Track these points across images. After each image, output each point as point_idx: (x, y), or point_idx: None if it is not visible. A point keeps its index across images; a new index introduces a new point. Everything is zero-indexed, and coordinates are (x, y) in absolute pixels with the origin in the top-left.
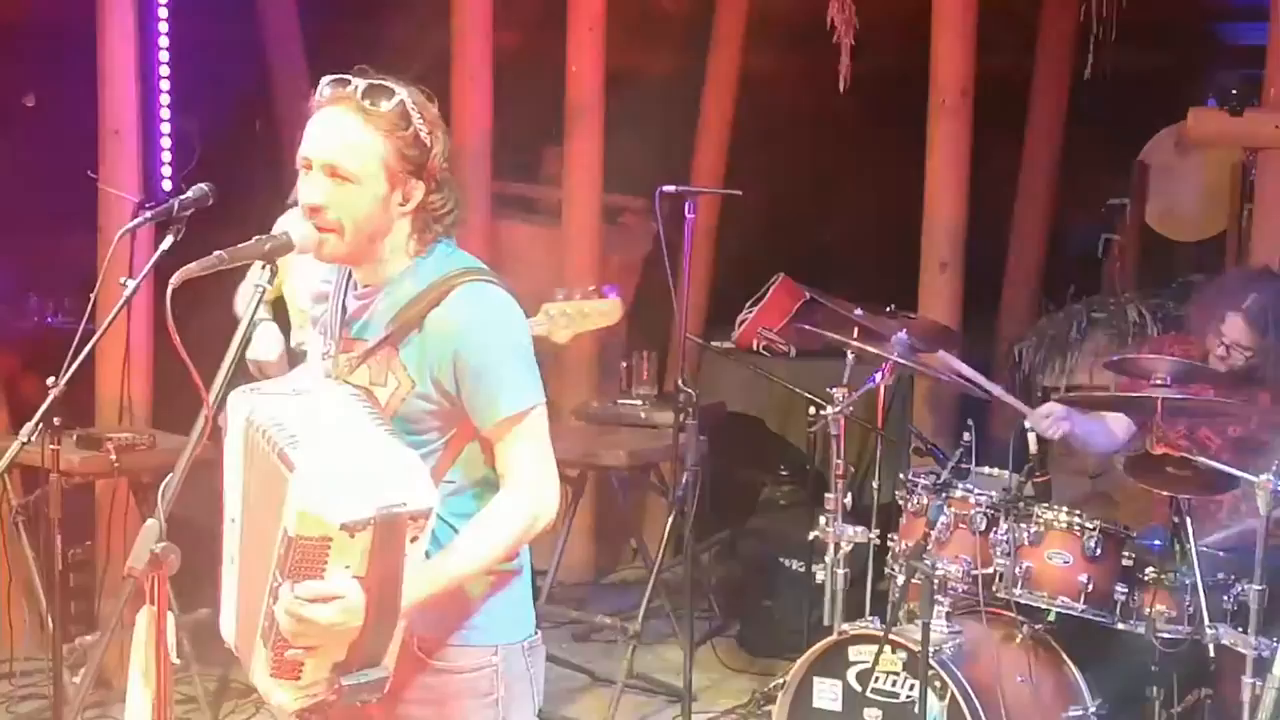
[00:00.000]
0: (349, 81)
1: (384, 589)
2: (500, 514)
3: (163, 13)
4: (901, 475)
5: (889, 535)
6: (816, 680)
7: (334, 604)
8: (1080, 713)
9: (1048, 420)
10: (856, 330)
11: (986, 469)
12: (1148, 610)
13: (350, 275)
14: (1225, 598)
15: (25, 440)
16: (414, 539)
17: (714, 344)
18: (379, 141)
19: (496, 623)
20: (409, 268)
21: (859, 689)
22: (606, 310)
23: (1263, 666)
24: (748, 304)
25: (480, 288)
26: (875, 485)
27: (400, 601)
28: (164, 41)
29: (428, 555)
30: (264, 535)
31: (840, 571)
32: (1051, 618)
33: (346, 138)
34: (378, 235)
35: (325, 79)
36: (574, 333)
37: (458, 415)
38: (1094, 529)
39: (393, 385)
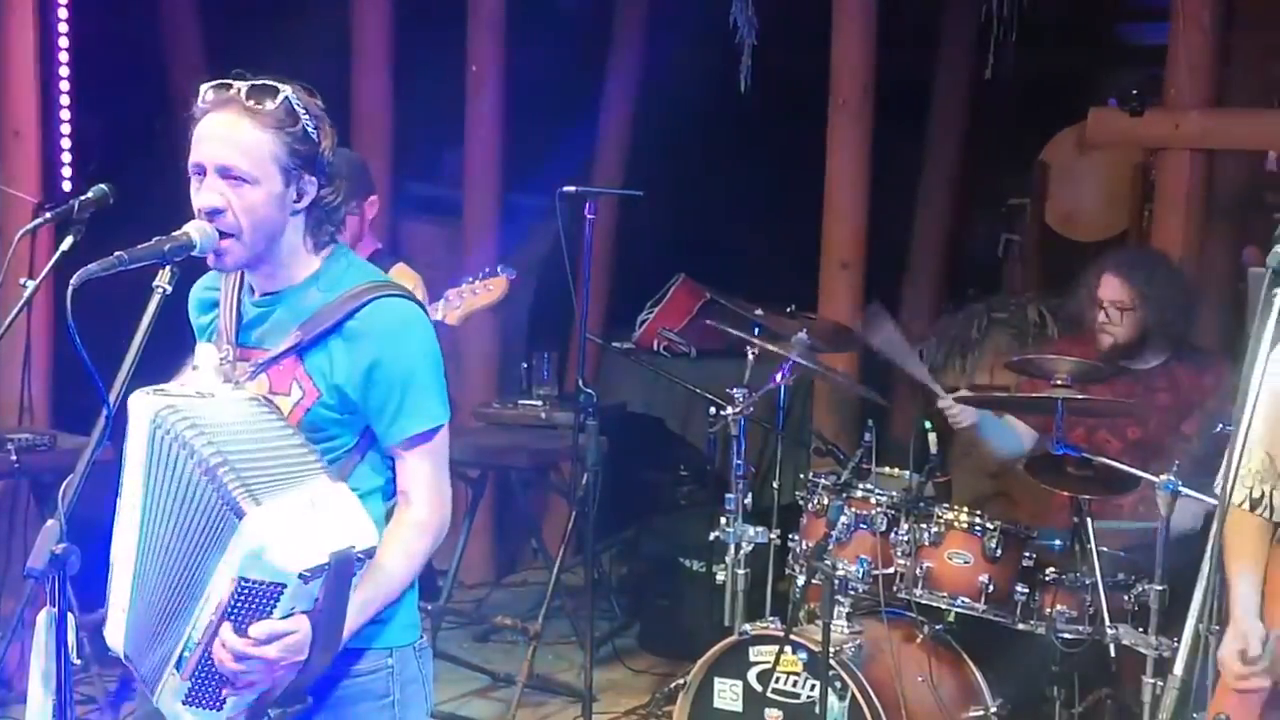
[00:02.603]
0: (231, 85)
1: (330, 626)
2: (413, 534)
3: (63, 13)
4: (802, 476)
5: (790, 535)
6: (717, 680)
7: (282, 641)
8: (980, 713)
9: (957, 408)
10: (757, 331)
11: (887, 469)
12: (1048, 610)
13: (243, 281)
14: (1126, 598)
15: None
16: (354, 575)
17: (614, 344)
18: (269, 139)
19: (390, 626)
20: (311, 276)
21: (760, 689)
22: (493, 288)
23: (1163, 666)
24: (648, 304)
25: (399, 302)
26: (776, 486)
27: (340, 642)
28: (64, 42)
29: None
30: (180, 558)
31: (741, 572)
32: (952, 618)
33: (237, 139)
34: (275, 235)
35: (206, 85)
36: (464, 313)
37: (359, 424)
38: (994, 529)
39: (297, 395)
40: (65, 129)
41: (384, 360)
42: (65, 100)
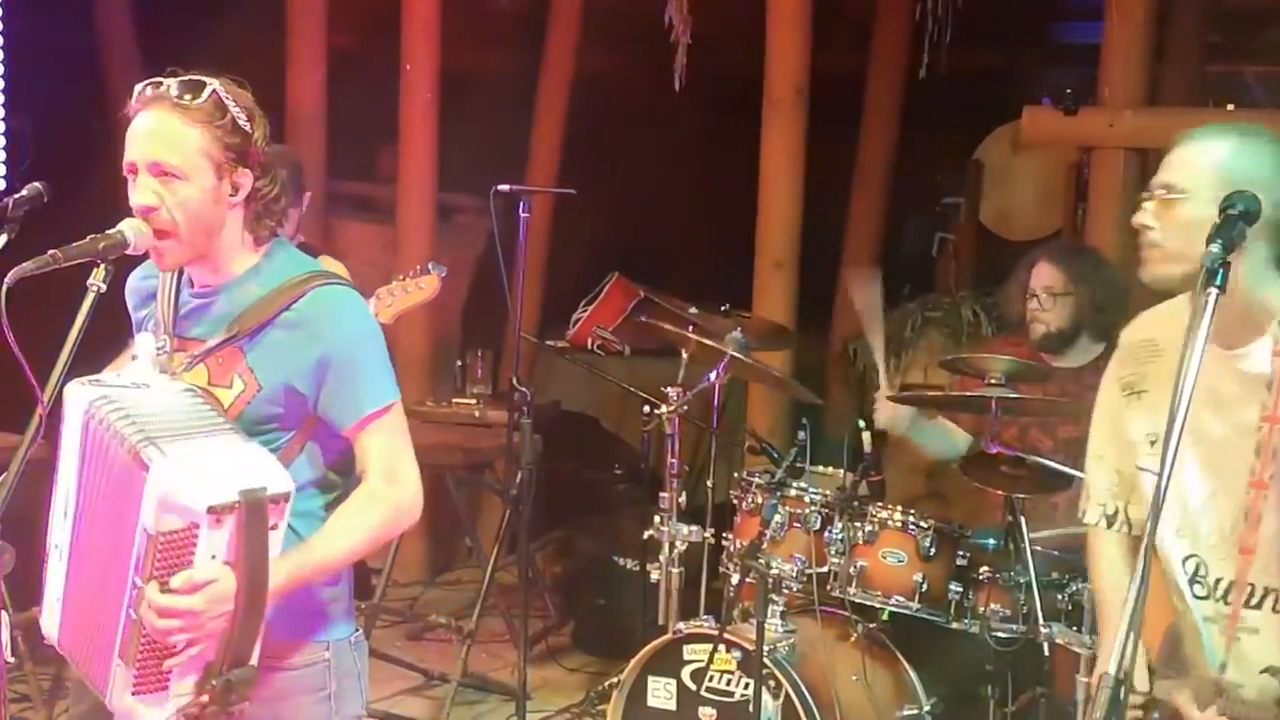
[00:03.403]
0: (161, 83)
1: (252, 576)
2: (364, 504)
3: None
4: (736, 474)
5: (724, 534)
6: (651, 679)
7: (205, 591)
8: (914, 711)
9: (885, 408)
10: (691, 329)
11: (821, 468)
12: (982, 609)
13: (182, 273)
14: (1060, 596)
15: None
16: (274, 526)
17: (549, 343)
18: (198, 133)
19: (327, 619)
20: (251, 269)
21: (693, 688)
22: (424, 286)
23: (1097, 665)
24: (582, 303)
25: (340, 290)
26: (710, 484)
27: (268, 590)
28: None
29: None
30: (109, 539)
31: (675, 570)
32: (886, 617)
33: (166, 135)
34: (213, 230)
35: (138, 85)
36: (397, 311)
37: (303, 416)
38: (928, 528)
39: (239, 388)
40: None
41: (330, 347)
42: None
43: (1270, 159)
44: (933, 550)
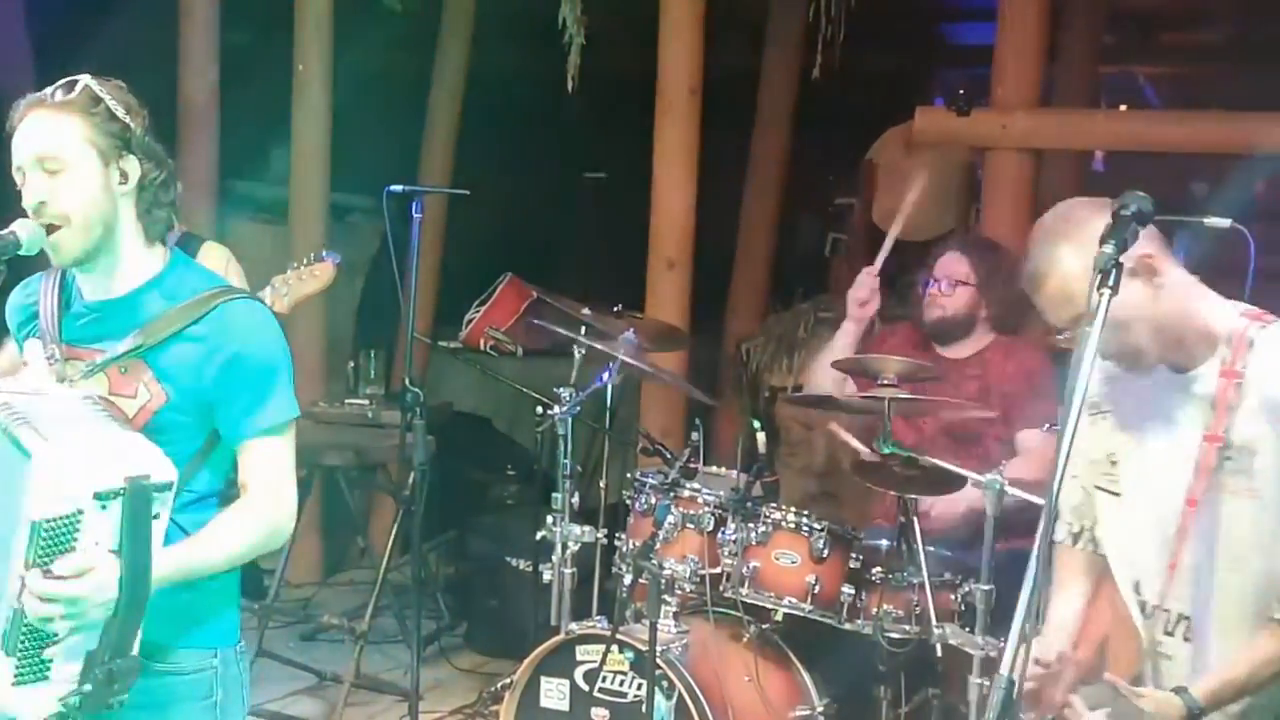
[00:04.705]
0: (38, 94)
1: (136, 564)
2: (243, 519)
3: None
4: (629, 475)
5: (616, 535)
6: (544, 680)
7: (88, 577)
8: (807, 712)
9: None
10: (584, 330)
11: (715, 469)
12: (875, 610)
13: (63, 282)
14: (953, 597)
15: None
16: (157, 516)
17: (442, 343)
18: (77, 121)
19: (215, 627)
20: (153, 280)
21: (586, 688)
22: (319, 274)
23: (990, 666)
24: (475, 303)
25: (251, 304)
26: (603, 485)
27: (150, 579)
28: None
29: None
30: (3, 533)
31: (567, 571)
32: (779, 618)
33: (45, 130)
34: (109, 221)
35: (19, 101)
36: (294, 300)
37: (206, 427)
38: (821, 529)
39: (144, 397)
40: None
41: (239, 356)
42: None
43: (1096, 221)
44: (825, 551)
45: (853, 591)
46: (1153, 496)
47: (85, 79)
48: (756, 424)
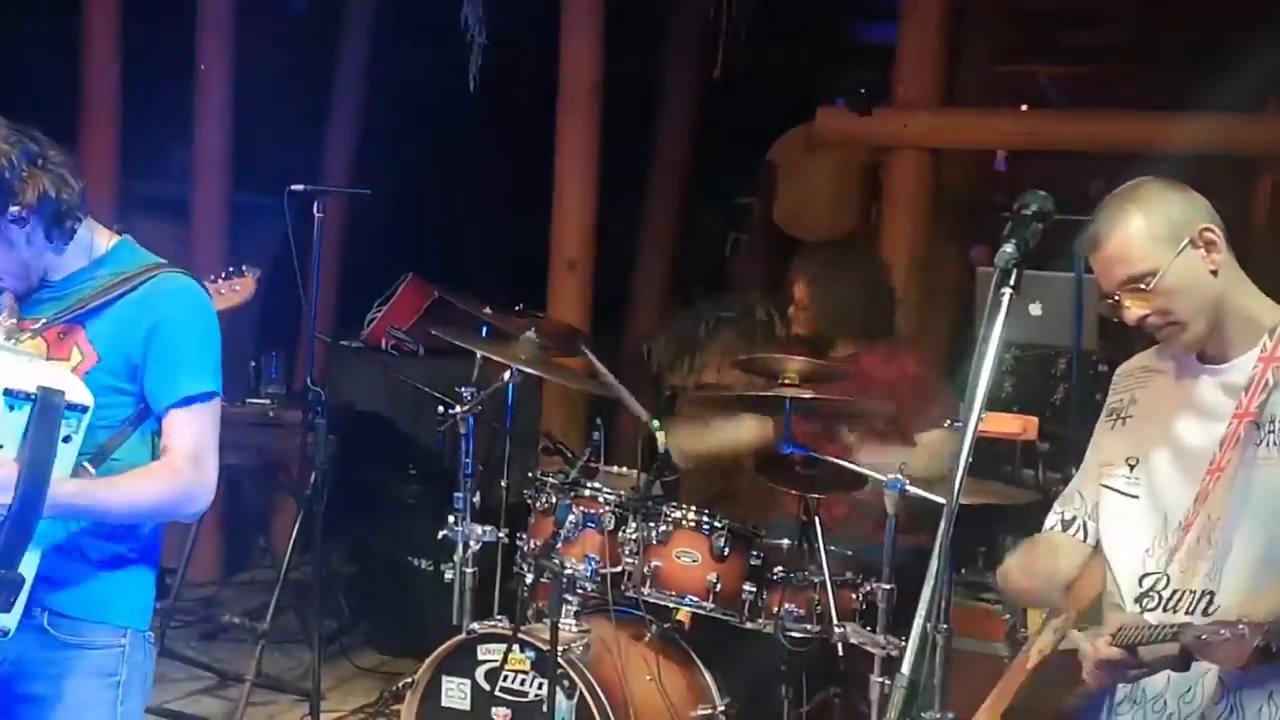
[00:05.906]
0: None
1: (34, 473)
2: (156, 473)
3: None
4: (530, 474)
5: (518, 534)
6: (445, 679)
7: None
8: (709, 712)
9: None
10: (485, 330)
11: (615, 468)
12: (776, 609)
13: None
14: (854, 596)
15: None
16: (67, 439)
17: (343, 343)
18: None
19: (126, 607)
20: (97, 260)
21: (488, 688)
22: (239, 288)
23: (891, 665)
24: (376, 303)
25: (181, 277)
26: (504, 484)
27: (45, 494)
28: None
29: None
30: None
31: (469, 570)
32: (681, 617)
33: None
34: (26, 263)
35: None
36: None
37: (137, 394)
38: (723, 528)
39: (76, 359)
40: None
41: (165, 322)
42: None
43: (1168, 193)
44: (726, 550)
45: (754, 590)
46: (1178, 495)
47: None
48: (656, 423)
